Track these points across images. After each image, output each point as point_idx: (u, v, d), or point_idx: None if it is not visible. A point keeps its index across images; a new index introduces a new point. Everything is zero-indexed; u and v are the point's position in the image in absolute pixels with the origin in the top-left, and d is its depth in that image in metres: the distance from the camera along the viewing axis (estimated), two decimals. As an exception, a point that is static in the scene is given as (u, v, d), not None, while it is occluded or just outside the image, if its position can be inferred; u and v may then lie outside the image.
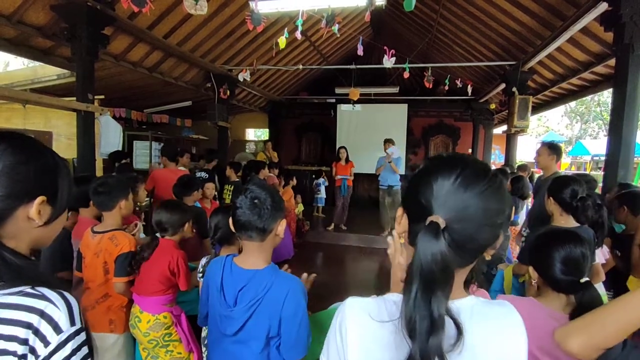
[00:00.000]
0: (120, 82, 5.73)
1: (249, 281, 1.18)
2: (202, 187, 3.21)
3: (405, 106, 8.94)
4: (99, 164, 4.67)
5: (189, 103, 7.62)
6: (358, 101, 7.37)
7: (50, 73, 4.87)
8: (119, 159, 4.46)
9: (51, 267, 2.07)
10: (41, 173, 0.70)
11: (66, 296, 0.65)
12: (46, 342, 0.61)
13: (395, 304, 0.63)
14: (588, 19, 3.38)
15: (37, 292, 0.63)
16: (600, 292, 1.23)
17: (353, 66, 6.13)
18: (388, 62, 4.98)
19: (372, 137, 8.18)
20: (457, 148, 9.24)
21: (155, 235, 2.01)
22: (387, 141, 5.94)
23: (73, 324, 0.64)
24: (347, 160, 6.37)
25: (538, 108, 7.43)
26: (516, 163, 7.09)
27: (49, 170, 0.72)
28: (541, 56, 4.61)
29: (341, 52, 8.30)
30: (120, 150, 4.56)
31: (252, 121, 10.69)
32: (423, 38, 6.87)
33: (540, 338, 1.07)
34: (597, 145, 13.11)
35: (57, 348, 0.61)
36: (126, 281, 1.86)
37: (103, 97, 4.97)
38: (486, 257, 2.82)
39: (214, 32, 5.13)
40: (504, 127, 7.90)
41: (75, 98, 3.50)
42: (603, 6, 3.03)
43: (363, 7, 4.30)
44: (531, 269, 1.31)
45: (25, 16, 3.46)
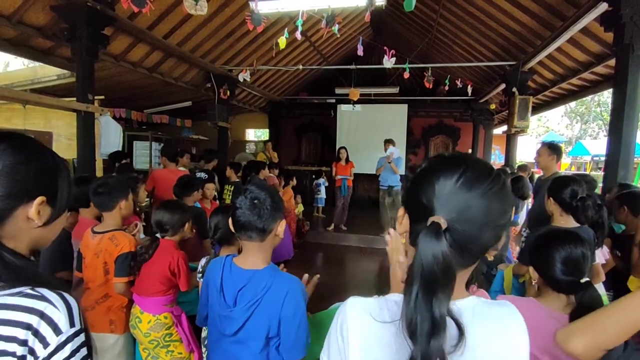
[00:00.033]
0: (120, 83, 5.73)
1: (249, 281, 1.18)
2: (202, 188, 3.21)
3: (405, 106, 8.94)
4: (99, 165, 4.67)
5: (189, 103, 7.61)
6: (358, 101, 7.36)
7: (50, 73, 4.87)
8: (119, 160, 4.45)
9: (51, 268, 2.07)
10: (41, 173, 0.70)
11: (66, 297, 0.65)
12: (45, 343, 0.61)
13: (396, 304, 0.62)
14: (588, 19, 3.38)
15: (37, 293, 0.63)
16: (600, 293, 1.23)
17: (353, 66, 6.13)
18: (388, 63, 4.98)
19: (372, 138, 8.17)
20: (457, 148, 9.22)
21: (155, 236, 2.01)
22: (388, 141, 5.94)
23: (73, 325, 0.63)
24: (347, 160, 6.37)
25: (538, 108, 7.43)
26: (516, 163, 7.09)
27: (49, 170, 0.72)
28: (541, 56, 4.61)
29: (341, 53, 8.30)
30: (120, 150, 4.56)
31: (252, 121, 10.68)
32: (423, 38, 6.87)
33: (540, 338, 1.07)
34: (597, 145, 13.11)
35: (57, 349, 0.61)
36: (126, 281, 1.86)
37: (103, 98, 4.97)
38: (489, 258, 2.82)
39: (214, 33, 5.13)
40: (504, 128, 7.92)
41: (75, 98, 3.50)
42: (603, 6, 3.03)
43: (363, 8, 4.30)
44: (531, 269, 1.31)
45: (25, 16, 3.46)
